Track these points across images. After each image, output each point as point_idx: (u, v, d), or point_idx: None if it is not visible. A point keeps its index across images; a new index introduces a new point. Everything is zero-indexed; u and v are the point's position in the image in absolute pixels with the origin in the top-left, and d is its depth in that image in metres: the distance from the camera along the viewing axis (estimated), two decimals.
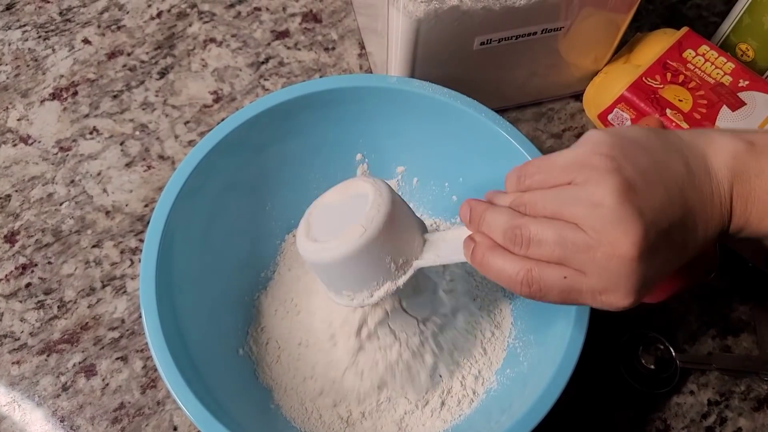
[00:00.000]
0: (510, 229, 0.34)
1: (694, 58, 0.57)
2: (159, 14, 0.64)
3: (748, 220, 0.34)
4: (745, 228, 0.35)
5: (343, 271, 0.38)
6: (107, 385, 0.49)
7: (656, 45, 0.58)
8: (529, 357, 0.45)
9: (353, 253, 0.37)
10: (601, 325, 0.48)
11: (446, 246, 0.38)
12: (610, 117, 0.57)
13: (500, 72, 0.55)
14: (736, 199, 0.34)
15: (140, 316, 0.51)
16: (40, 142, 0.58)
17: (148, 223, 0.43)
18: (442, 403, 0.46)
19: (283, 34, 0.64)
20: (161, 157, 0.57)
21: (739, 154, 0.34)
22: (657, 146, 0.34)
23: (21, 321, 0.51)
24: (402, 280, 0.39)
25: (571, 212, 0.32)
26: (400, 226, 0.38)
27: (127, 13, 0.64)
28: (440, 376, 0.46)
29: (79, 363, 0.49)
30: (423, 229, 0.40)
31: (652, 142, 0.34)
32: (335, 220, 0.39)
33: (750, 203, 0.34)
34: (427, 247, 0.39)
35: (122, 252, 0.53)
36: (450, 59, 0.51)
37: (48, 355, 0.50)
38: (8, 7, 0.64)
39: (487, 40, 0.50)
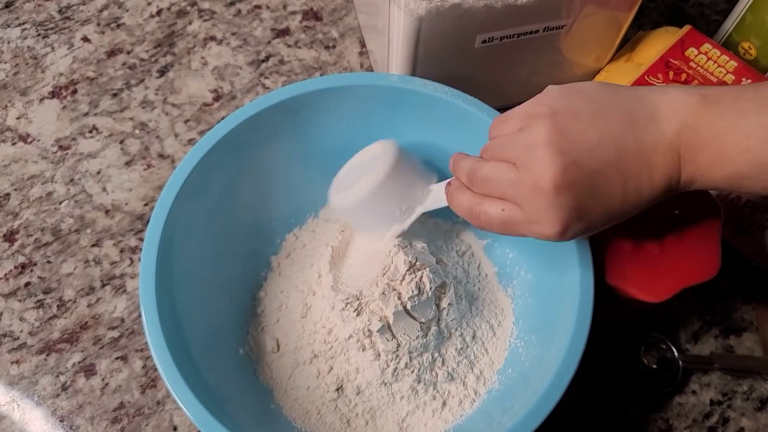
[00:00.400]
0: (470, 171, 0.40)
1: (696, 56, 0.56)
2: (159, 12, 0.64)
3: (698, 169, 0.36)
4: (696, 178, 0.36)
5: (360, 214, 0.46)
6: (107, 384, 0.49)
7: (658, 43, 0.58)
8: (531, 357, 0.45)
9: (363, 198, 0.44)
10: (604, 325, 0.47)
11: (439, 193, 0.44)
12: None
13: (502, 70, 0.55)
14: (685, 148, 0.36)
15: (140, 316, 0.51)
16: (39, 140, 0.57)
17: (148, 222, 0.43)
18: (444, 403, 0.46)
19: (283, 32, 0.64)
20: (161, 156, 0.57)
21: (691, 105, 0.36)
22: (603, 97, 0.37)
23: (20, 320, 0.51)
24: (407, 223, 0.45)
25: (512, 154, 0.37)
26: (403, 176, 0.45)
27: (127, 11, 0.64)
28: (442, 376, 0.46)
29: (79, 362, 0.49)
30: (430, 180, 0.46)
31: (600, 93, 0.37)
32: (356, 176, 0.46)
33: (699, 152, 0.35)
34: (429, 194, 0.45)
35: (122, 251, 0.53)
36: (451, 57, 0.51)
37: (47, 355, 0.49)
38: (7, 5, 0.64)
39: (489, 38, 0.50)
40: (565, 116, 0.36)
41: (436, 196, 0.45)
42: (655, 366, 0.50)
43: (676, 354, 0.50)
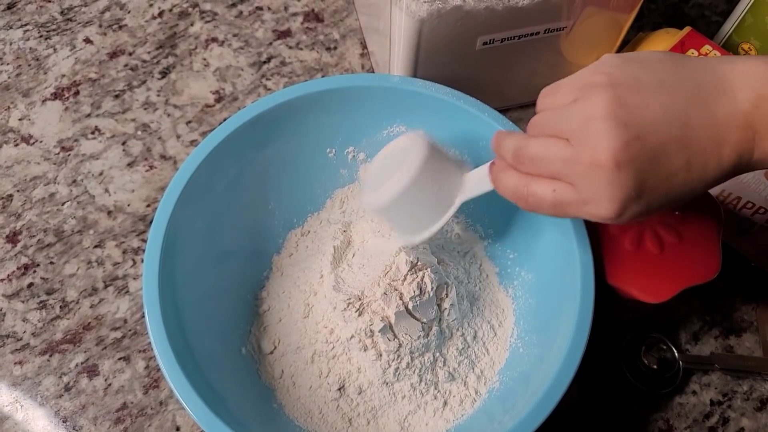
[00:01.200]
0: (516, 149, 0.36)
1: None
2: (160, 14, 0.64)
3: None
4: None
5: (396, 212, 0.43)
6: (110, 385, 0.49)
7: (658, 45, 0.58)
8: (532, 357, 0.45)
9: (399, 195, 0.42)
10: (604, 325, 0.48)
11: (480, 177, 0.42)
12: None
13: (502, 72, 0.55)
14: (761, 122, 0.32)
15: (142, 316, 0.51)
16: (41, 141, 0.58)
17: (150, 223, 0.43)
18: (445, 403, 0.46)
19: (284, 34, 0.64)
20: (163, 157, 0.57)
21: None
22: (666, 67, 0.34)
23: (23, 321, 0.51)
24: (447, 216, 0.43)
25: (565, 128, 0.34)
26: (437, 167, 0.42)
27: (129, 12, 0.64)
28: (443, 376, 0.46)
29: (82, 363, 0.49)
30: (464, 169, 0.43)
31: (663, 63, 0.34)
32: (387, 173, 0.43)
33: None
34: (465, 183, 0.43)
35: (124, 252, 0.53)
36: (452, 59, 0.51)
37: (50, 356, 0.50)
38: (9, 7, 0.64)
39: (490, 40, 0.50)
40: (627, 87, 0.33)
41: (476, 182, 0.42)
42: (655, 366, 0.50)
43: (676, 354, 0.51)
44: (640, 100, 0.33)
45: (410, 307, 0.44)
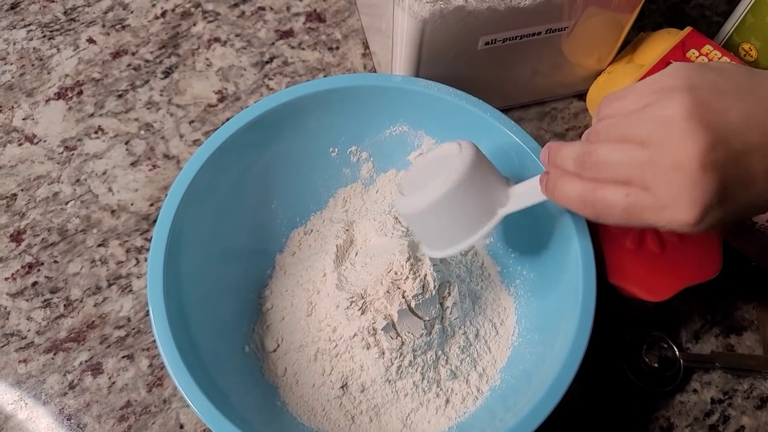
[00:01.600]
0: (580, 155, 0.35)
1: (697, 58, 0.57)
2: (163, 14, 0.65)
3: None
4: None
5: (430, 220, 0.42)
6: (114, 383, 0.49)
7: (660, 45, 0.58)
8: (534, 355, 0.46)
9: (437, 201, 0.40)
10: (606, 324, 0.48)
11: (526, 190, 0.41)
12: None
13: (504, 71, 0.55)
14: None
15: (146, 315, 0.51)
16: (45, 141, 0.58)
17: (154, 222, 0.43)
18: (447, 401, 0.46)
19: (287, 34, 0.64)
20: (166, 157, 0.58)
21: None
22: (742, 76, 0.33)
23: (27, 320, 0.51)
24: (488, 228, 0.41)
25: (640, 131, 0.33)
26: (481, 177, 0.41)
27: (132, 12, 0.65)
28: (445, 374, 0.46)
29: (86, 361, 0.50)
30: (509, 183, 0.42)
31: (739, 72, 0.34)
32: (426, 178, 0.42)
33: None
34: (509, 196, 0.41)
35: (128, 251, 0.54)
36: (454, 59, 0.51)
37: (54, 354, 0.50)
38: (13, 7, 0.64)
39: (492, 40, 0.50)
40: (707, 90, 0.32)
41: (522, 195, 0.41)
42: (656, 365, 0.50)
43: (677, 353, 0.51)
44: (722, 104, 0.32)
45: (413, 305, 0.44)
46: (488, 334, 0.48)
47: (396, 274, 0.44)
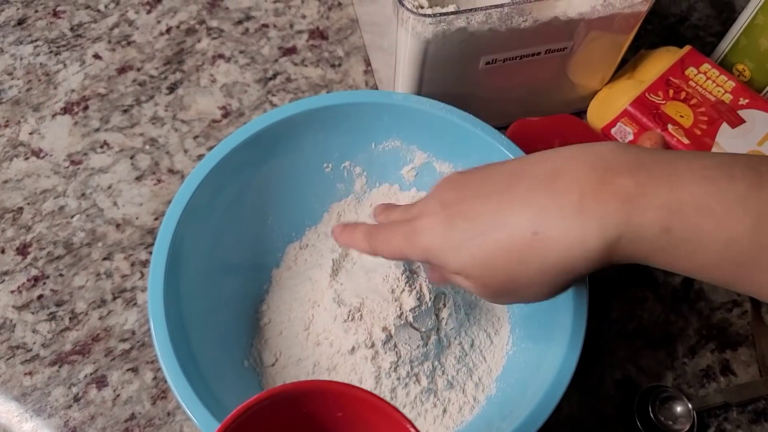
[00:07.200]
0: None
1: (696, 75, 0.58)
2: (168, 30, 0.66)
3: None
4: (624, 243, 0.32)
5: None
6: (118, 396, 0.49)
7: (659, 62, 0.60)
8: (528, 364, 0.46)
9: None
10: (601, 330, 0.49)
11: None
12: (613, 130, 0.58)
13: (505, 90, 0.56)
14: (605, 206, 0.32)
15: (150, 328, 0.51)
16: (51, 155, 0.59)
17: None
18: (444, 410, 0.47)
19: (290, 51, 0.65)
20: (171, 171, 0.58)
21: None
22: (492, 170, 0.37)
23: (33, 332, 0.51)
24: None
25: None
26: None
27: (137, 29, 0.65)
28: (442, 384, 0.47)
29: (91, 374, 0.50)
30: None
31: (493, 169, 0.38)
32: None
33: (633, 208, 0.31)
34: None
35: (132, 264, 0.54)
36: (455, 77, 0.52)
37: (60, 367, 0.50)
38: (20, 22, 0.65)
39: (493, 60, 0.51)
40: (452, 182, 0.39)
41: None
42: (671, 422, 0.50)
43: (689, 405, 0.50)
44: (464, 182, 0.38)
45: (410, 317, 0.44)
46: (483, 344, 0.49)
47: (392, 287, 0.45)
